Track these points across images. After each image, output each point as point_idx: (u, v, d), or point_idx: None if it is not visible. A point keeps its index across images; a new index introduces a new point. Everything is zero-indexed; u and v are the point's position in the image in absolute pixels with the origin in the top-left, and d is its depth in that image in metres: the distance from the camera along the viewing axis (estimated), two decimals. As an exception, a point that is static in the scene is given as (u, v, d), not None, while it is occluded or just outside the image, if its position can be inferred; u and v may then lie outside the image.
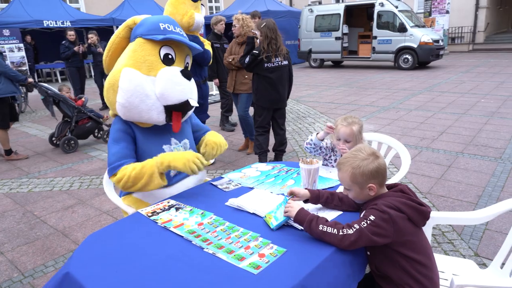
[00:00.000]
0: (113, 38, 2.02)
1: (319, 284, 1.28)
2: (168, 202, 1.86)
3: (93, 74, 8.80)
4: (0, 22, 12.33)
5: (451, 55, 16.93)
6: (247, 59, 4.02)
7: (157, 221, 1.67)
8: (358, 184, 1.52)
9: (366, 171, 1.48)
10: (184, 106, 2.00)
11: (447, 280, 1.69)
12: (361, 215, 1.52)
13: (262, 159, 4.37)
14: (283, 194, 1.86)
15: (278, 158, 4.50)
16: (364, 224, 1.40)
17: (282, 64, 4.07)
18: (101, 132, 6.14)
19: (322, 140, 2.35)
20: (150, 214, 1.74)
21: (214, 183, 2.10)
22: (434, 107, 7.23)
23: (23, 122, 8.00)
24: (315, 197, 1.68)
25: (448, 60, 15.09)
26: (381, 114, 6.94)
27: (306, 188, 1.71)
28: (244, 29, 4.88)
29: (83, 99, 5.89)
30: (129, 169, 1.89)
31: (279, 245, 1.43)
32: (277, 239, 1.47)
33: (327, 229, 1.42)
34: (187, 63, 2.11)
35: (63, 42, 8.21)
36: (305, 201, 1.69)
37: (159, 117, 1.97)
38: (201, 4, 2.27)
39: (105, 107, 9.01)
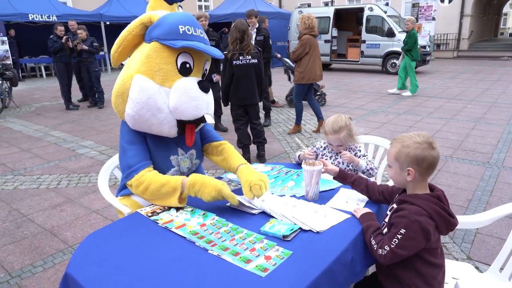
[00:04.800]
0: (124, 34, 1.81)
1: (328, 287, 1.27)
2: (168, 202, 1.82)
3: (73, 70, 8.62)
4: (-16, 14, 12.01)
5: (437, 61, 17.25)
6: (221, 67, 4.44)
7: (157, 222, 1.63)
8: (399, 164, 1.48)
9: (412, 153, 1.44)
10: (199, 122, 1.86)
11: (447, 283, 1.70)
12: (388, 218, 1.51)
13: (245, 152, 4.63)
14: (284, 195, 1.85)
15: (259, 149, 4.74)
16: (395, 241, 1.40)
17: (250, 62, 4.36)
18: (318, 99, 7.71)
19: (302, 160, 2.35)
20: (150, 214, 1.70)
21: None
22: (422, 111, 7.34)
23: (7, 117, 7.79)
24: (343, 176, 1.82)
25: (434, 66, 15.36)
26: (370, 117, 7.00)
27: (337, 166, 1.86)
28: (301, 27, 5.45)
29: None
30: (149, 178, 1.77)
31: (285, 247, 1.41)
32: (282, 241, 1.45)
33: (372, 241, 1.49)
34: (206, 69, 1.93)
35: (51, 36, 8.01)
36: (334, 178, 1.88)
37: (171, 131, 1.83)
38: (179, 6, 2.05)
39: (84, 99, 9.10)
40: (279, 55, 8.12)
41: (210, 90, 1.89)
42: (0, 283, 2.51)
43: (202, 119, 1.85)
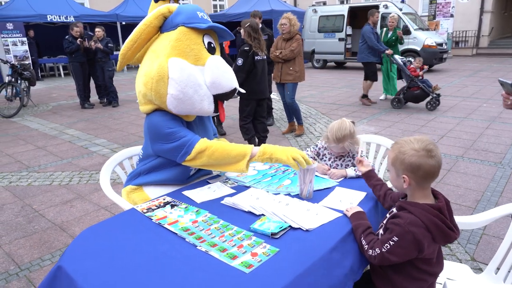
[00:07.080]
0: (141, 27, 1.87)
1: (311, 284, 1.28)
2: (164, 199, 1.86)
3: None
4: (4, 15, 12.37)
5: (455, 59, 16.89)
6: (239, 62, 4.51)
7: (151, 218, 1.67)
8: (395, 169, 1.46)
9: (407, 161, 1.40)
10: (232, 94, 1.99)
11: (440, 284, 1.69)
12: (386, 221, 1.50)
13: (252, 142, 4.83)
14: (278, 193, 1.87)
15: (261, 143, 4.88)
16: (387, 246, 1.39)
17: (265, 58, 4.74)
18: (430, 102, 7.10)
19: None
20: (145, 211, 1.74)
21: (210, 181, 2.10)
22: (435, 110, 7.21)
23: (24, 116, 8.02)
24: (368, 176, 1.84)
25: (452, 63, 15.05)
26: (382, 116, 6.93)
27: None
28: (295, 28, 5.47)
29: (418, 72, 7.13)
30: (215, 142, 1.88)
31: (272, 244, 1.43)
32: (270, 239, 1.47)
33: (362, 241, 1.49)
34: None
35: (67, 36, 8.20)
36: (361, 175, 1.88)
37: (210, 107, 1.93)
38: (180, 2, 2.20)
39: (86, 98, 8.81)
40: (389, 51, 7.36)
41: None
42: (10, 275, 2.61)
43: (234, 94, 2.01)
